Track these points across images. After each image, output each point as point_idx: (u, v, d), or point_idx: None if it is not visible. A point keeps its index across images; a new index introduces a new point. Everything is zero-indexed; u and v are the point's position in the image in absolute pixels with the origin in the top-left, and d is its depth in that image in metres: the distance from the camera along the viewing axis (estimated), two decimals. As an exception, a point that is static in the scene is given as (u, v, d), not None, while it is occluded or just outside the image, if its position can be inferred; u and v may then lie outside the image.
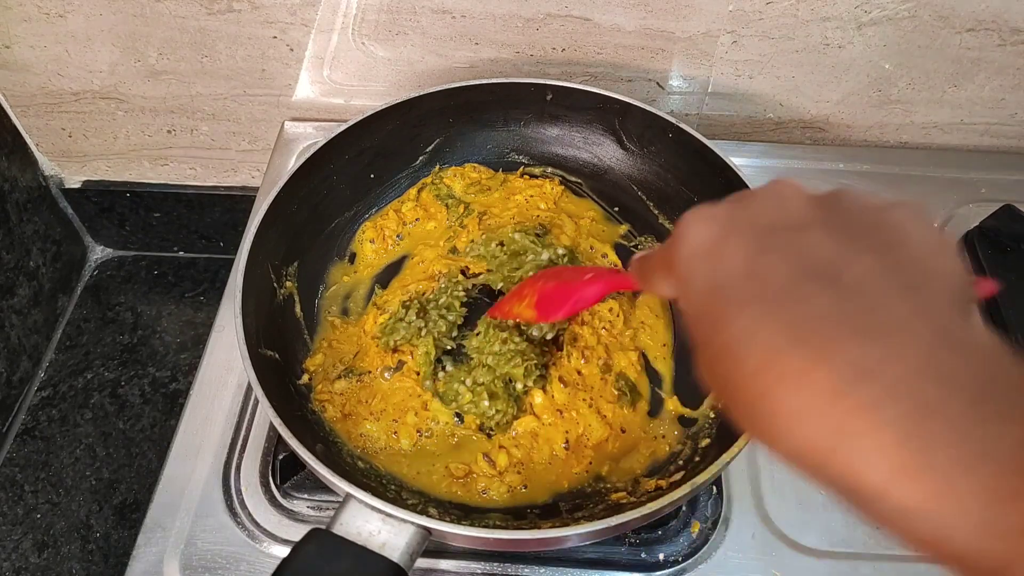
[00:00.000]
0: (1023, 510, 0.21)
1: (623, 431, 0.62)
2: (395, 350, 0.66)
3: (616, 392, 0.64)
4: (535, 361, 0.63)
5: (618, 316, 0.68)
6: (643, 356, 0.67)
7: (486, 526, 0.56)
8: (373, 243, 0.75)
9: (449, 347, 0.65)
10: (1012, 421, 0.22)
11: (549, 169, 0.81)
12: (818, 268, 0.26)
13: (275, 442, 0.65)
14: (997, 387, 0.23)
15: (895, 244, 0.27)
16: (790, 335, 0.25)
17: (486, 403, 0.61)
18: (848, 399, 0.23)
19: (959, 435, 0.22)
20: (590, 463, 0.61)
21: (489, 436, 0.62)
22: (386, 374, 0.65)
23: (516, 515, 0.58)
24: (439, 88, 0.73)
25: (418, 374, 0.64)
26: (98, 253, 1.21)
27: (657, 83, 0.87)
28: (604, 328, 0.67)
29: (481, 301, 0.69)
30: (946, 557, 0.23)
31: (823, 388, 0.23)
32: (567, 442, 0.61)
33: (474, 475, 0.60)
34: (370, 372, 0.65)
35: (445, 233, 0.75)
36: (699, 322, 0.28)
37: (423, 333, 0.65)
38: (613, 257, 0.74)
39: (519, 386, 0.62)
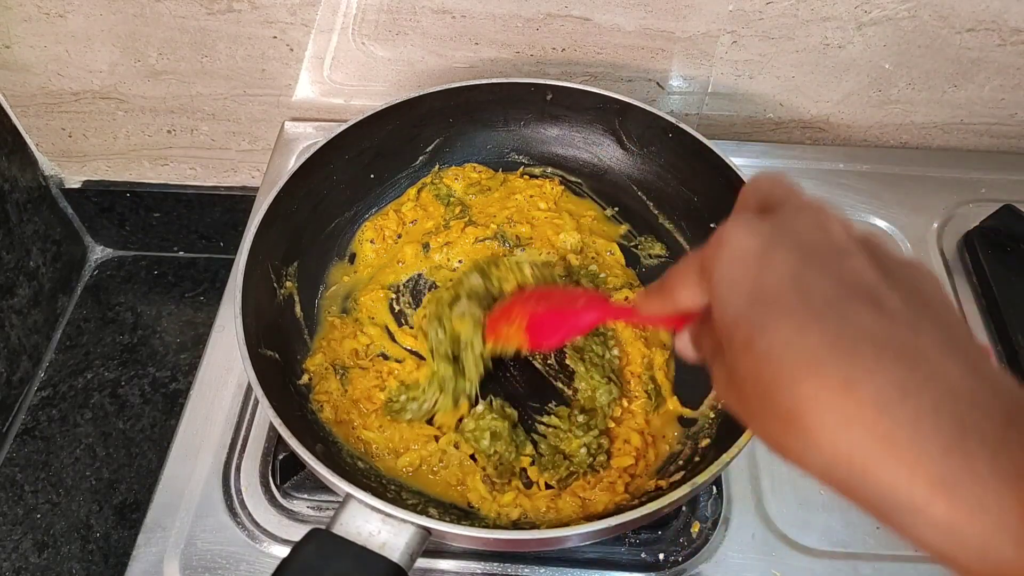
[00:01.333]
0: None
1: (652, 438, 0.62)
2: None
3: (645, 393, 0.63)
4: (601, 445, 0.60)
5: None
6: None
7: (486, 526, 0.56)
8: (373, 243, 0.75)
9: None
10: None
11: (549, 169, 0.81)
12: (861, 290, 0.27)
13: (275, 442, 0.65)
14: (1020, 410, 0.24)
15: (920, 286, 0.28)
16: (835, 348, 0.25)
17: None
18: (890, 415, 0.24)
19: (994, 453, 0.22)
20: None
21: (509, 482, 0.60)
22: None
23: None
24: (439, 88, 0.73)
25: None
26: (98, 253, 1.21)
27: (657, 83, 0.87)
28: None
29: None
30: (981, 572, 0.23)
31: (867, 402, 0.24)
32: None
33: (468, 488, 0.59)
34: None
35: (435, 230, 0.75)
36: (734, 330, 0.28)
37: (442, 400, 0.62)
38: (619, 255, 0.74)
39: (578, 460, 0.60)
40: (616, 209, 0.78)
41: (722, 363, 0.30)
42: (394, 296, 0.71)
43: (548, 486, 0.59)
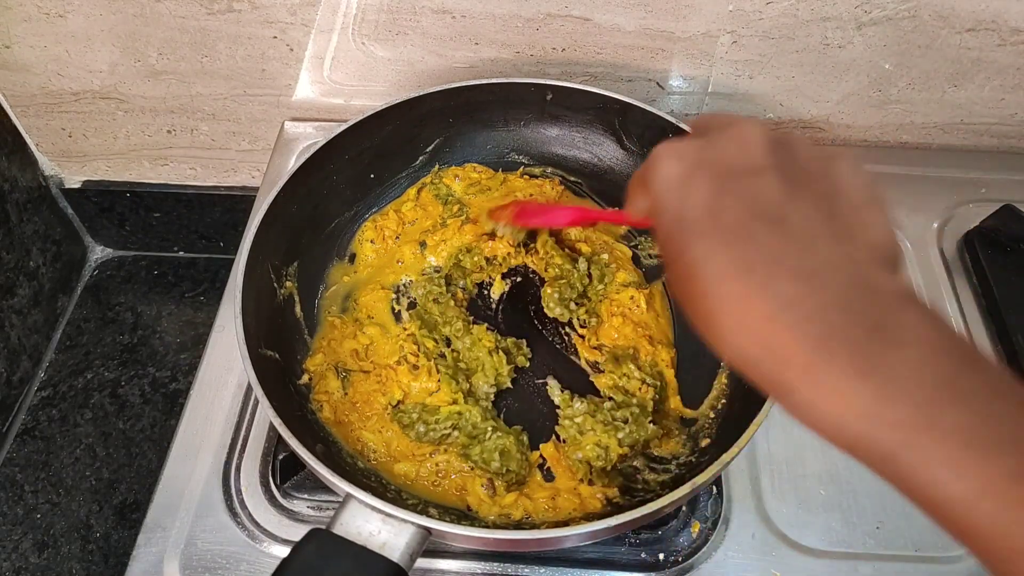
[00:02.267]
0: (907, 402, 0.27)
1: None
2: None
3: (648, 386, 0.63)
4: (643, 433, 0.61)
5: (638, 304, 0.68)
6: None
7: (486, 526, 0.56)
8: (373, 243, 0.75)
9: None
10: (902, 346, 0.28)
11: (549, 169, 0.81)
12: (766, 211, 0.31)
13: (275, 442, 0.65)
14: (892, 320, 0.29)
15: (833, 194, 0.33)
16: (736, 266, 0.30)
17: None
18: (776, 322, 0.29)
19: (852, 353, 0.28)
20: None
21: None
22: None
23: (516, 515, 0.58)
24: (439, 88, 0.73)
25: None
26: (98, 253, 1.21)
27: (657, 83, 0.87)
28: (628, 311, 0.68)
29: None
30: (836, 440, 0.29)
31: (756, 313, 0.30)
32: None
33: (468, 492, 0.59)
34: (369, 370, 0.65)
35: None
36: (667, 244, 0.34)
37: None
38: (626, 250, 0.74)
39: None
40: (616, 209, 0.77)
41: (667, 265, 0.35)
42: (394, 296, 0.71)
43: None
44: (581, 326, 0.69)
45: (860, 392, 0.28)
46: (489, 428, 0.61)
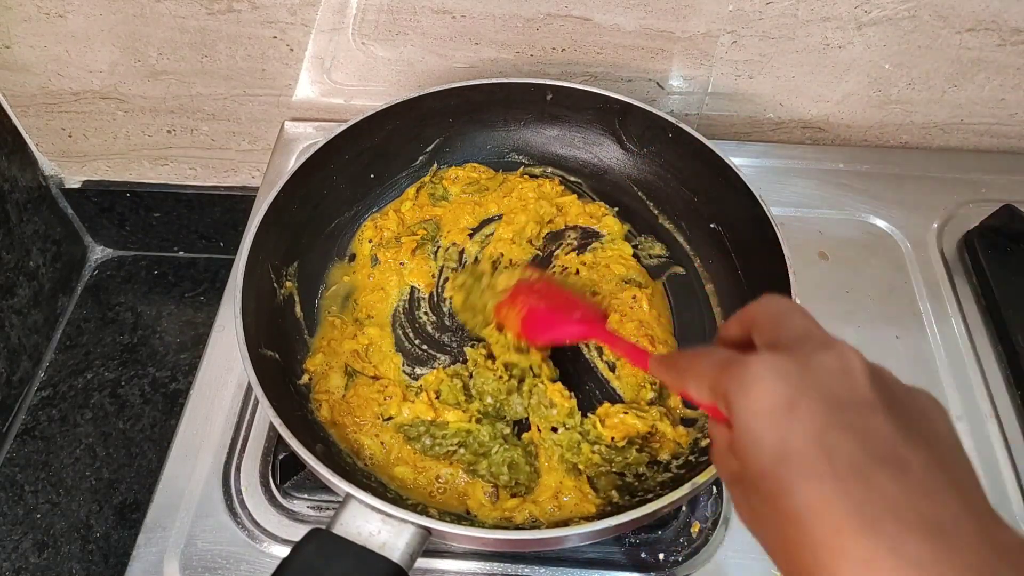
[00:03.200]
0: None
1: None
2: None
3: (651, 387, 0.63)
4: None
5: (639, 304, 0.68)
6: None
7: (485, 526, 0.56)
8: (372, 243, 0.75)
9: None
10: None
11: (549, 169, 0.81)
12: (883, 453, 0.28)
13: (275, 442, 0.65)
14: None
15: (938, 436, 0.30)
16: (859, 519, 0.26)
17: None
18: None
19: None
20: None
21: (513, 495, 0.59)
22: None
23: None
24: (439, 88, 0.73)
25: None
26: (98, 253, 1.21)
27: (657, 83, 0.87)
28: (631, 308, 0.67)
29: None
30: None
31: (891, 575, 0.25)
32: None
33: (469, 496, 0.59)
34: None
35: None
36: (760, 480, 0.29)
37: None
38: (628, 248, 0.74)
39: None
40: (616, 209, 0.77)
41: (743, 492, 0.31)
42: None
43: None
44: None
45: None
46: (497, 445, 0.60)
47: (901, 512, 0.26)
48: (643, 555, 0.60)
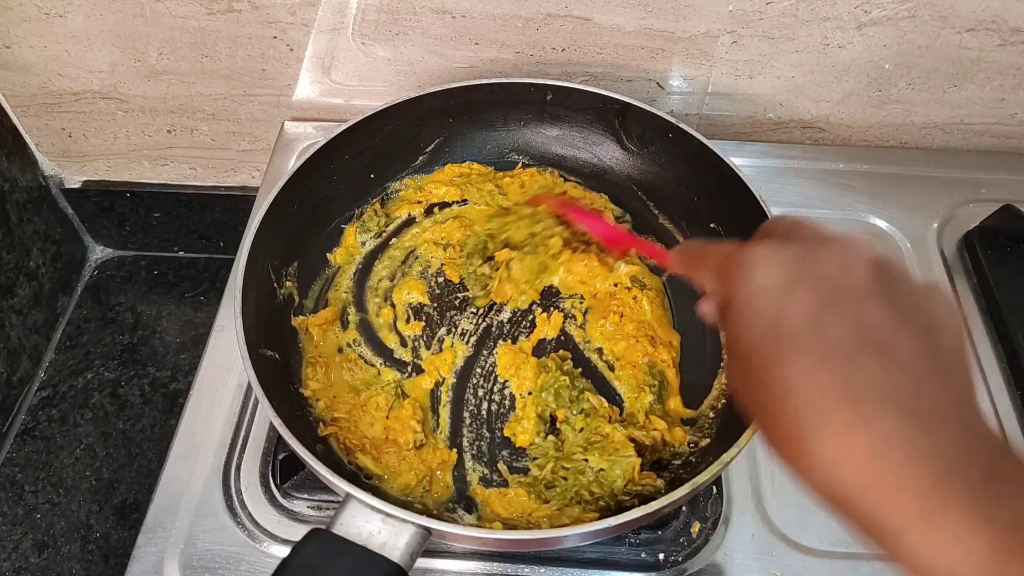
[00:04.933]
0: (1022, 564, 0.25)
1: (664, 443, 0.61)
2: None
3: (648, 387, 0.63)
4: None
5: (640, 304, 0.68)
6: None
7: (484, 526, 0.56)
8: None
9: None
10: (1015, 496, 0.26)
11: (549, 169, 0.81)
12: (875, 338, 0.29)
13: (275, 442, 0.65)
14: (1002, 470, 0.27)
15: (936, 329, 0.31)
16: (842, 391, 0.28)
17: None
18: (881, 460, 0.27)
19: (972, 499, 0.26)
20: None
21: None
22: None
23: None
24: (439, 88, 0.73)
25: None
26: (98, 253, 1.21)
27: (657, 83, 0.87)
28: (631, 308, 0.68)
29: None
30: None
31: (861, 446, 0.27)
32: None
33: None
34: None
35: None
36: (752, 350, 0.31)
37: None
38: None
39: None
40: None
41: (737, 361, 0.32)
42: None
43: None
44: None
45: (979, 541, 0.26)
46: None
47: (881, 391, 0.28)
48: (643, 555, 0.60)
